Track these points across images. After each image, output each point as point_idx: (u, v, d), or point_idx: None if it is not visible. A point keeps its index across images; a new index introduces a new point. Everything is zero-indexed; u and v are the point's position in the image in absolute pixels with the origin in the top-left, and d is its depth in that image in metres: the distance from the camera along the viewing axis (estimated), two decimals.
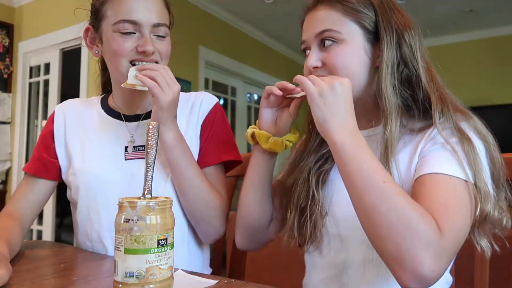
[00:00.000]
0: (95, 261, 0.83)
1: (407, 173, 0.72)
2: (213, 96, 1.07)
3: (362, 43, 0.77)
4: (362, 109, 0.80)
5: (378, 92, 0.76)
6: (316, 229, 0.81)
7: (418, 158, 0.71)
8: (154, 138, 0.65)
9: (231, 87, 4.52)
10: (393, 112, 0.73)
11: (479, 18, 4.32)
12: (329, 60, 0.78)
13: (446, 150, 0.67)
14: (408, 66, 0.76)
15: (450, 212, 0.61)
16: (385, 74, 0.74)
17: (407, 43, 0.76)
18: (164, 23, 0.93)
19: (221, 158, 0.98)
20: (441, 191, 0.64)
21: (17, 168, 3.55)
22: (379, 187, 0.61)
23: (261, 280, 0.74)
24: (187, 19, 3.68)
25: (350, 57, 0.77)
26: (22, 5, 3.67)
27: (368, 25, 0.78)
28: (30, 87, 3.64)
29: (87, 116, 1.03)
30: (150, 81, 0.84)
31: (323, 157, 0.85)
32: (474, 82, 4.50)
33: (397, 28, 0.77)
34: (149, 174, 0.62)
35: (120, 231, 0.56)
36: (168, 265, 0.57)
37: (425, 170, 0.67)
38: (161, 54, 0.93)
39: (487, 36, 4.65)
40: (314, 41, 0.80)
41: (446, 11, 4.13)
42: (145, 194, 0.61)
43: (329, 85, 0.68)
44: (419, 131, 0.75)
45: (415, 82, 0.76)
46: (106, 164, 0.95)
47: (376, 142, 0.76)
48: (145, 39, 0.90)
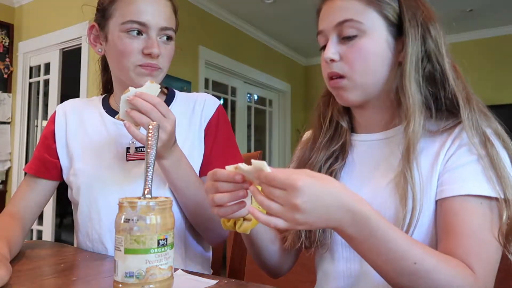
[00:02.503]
0: (95, 261, 0.83)
1: (428, 178, 0.68)
2: (215, 99, 1.06)
3: (385, 36, 0.73)
4: (379, 107, 0.77)
5: (400, 89, 0.72)
6: (325, 232, 0.76)
7: (442, 167, 0.68)
8: (154, 138, 0.65)
9: (231, 87, 4.52)
10: (416, 110, 0.69)
11: (479, 18, 4.32)
12: (349, 54, 0.72)
13: (477, 164, 0.65)
14: (432, 62, 0.72)
15: (483, 250, 0.61)
16: (409, 70, 0.70)
17: (433, 37, 0.72)
18: (171, 27, 0.94)
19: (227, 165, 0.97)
20: (473, 223, 0.62)
21: (17, 168, 3.55)
22: (411, 271, 0.57)
23: (261, 280, 0.74)
24: (187, 19, 3.68)
25: (372, 51, 0.72)
26: (22, 5, 3.67)
27: (392, 17, 0.73)
28: (30, 87, 3.63)
29: (89, 116, 1.03)
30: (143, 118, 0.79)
31: (333, 155, 0.81)
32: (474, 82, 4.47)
33: (422, 20, 0.72)
34: (149, 174, 0.62)
35: (120, 231, 0.56)
36: (168, 265, 0.57)
37: (455, 190, 0.65)
38: (165, 57, 0.93)
39: (487, 36, 4.65)
40: (332, 31, 0.74)
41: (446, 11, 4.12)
42: (145, 194, 0.61)
43: (293, 211, 0.52)
44: (437, 132, 0.71)
45: (440, 79, 0.72)
46: (108, 165, 0.95)
47: (397, 144, 0.73)
48: (152, 41, 0.90)
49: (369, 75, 0.72)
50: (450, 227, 0.64)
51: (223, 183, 0.60)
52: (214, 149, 0.99)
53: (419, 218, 0.65)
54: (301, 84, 5.66)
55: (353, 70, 0.72)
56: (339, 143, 0.82)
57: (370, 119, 0.80)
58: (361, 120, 0.82)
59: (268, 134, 5.27)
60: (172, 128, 0.81)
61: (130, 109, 0.81)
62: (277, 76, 5.09)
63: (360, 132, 0.83)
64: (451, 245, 0.63)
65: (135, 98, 0.80)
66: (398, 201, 0.68)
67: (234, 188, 0.60)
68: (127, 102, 0.81)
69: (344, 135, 0.82)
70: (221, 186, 0.60)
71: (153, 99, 0.80)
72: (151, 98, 0.80)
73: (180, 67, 3.46)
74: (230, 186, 0.60)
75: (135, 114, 0.79)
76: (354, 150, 0.82)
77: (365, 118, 0.81)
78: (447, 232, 0.64)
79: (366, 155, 0.80)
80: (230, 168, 0.60)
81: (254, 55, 4.69)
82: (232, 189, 0.60)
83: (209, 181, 0.62)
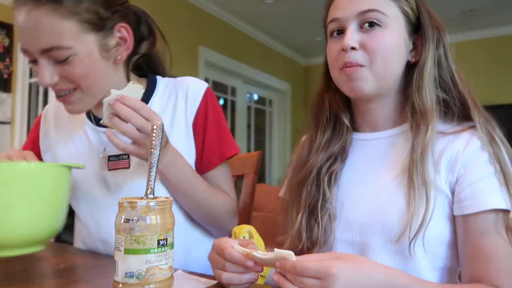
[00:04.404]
0: (95, 261, 0.82)
1: (433, 177, 0.68)
2: (200, 83, 0.96)
3: (403, 32, 0.73)
4: (387, 104, 0.77)
5: (416, 89, 0.72)
6: (326, 232, 0.76)
7: (453, 175, 0.68)
8: (158, 138, 0.65)
9: (231, 87, 4.52)
10: (433, 110, 0.70)
11: (479, 18, 4.32)
12: (370, 43, 0.70)
13: (494, 177, 0.65)
14: (441, 66, 0.74)
15: (507, 267, 0.63)
16: (428, 70, 0.71)
17: (445, 42, 0.74)
18: (54, 46, 0.76)
19: (224, 157, 0.93)
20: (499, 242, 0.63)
21: None
22: None
23: None
24: (187, 19, 3.68)
25: (394, 43, 0.71)
26: None
27: (410, 15, 0.73)
28: (30, 87, 3.64)
29: (72, 122, 0.98)
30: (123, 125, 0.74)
31: (333, 156, 0.80)
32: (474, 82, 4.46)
33: (438, 24, 0.74)
34: (152, 174, 0.62)
35: (120, 231, 0.56)
36: (168, 265, 0.57)
37: (478, 206, 0.65)
38: (73, 78, 0.79)
39: (487, 36, 4.66)
40: (353, 20, 0.72)
41: (446, 11, 4.12)
42: (147, 194, 0.60)
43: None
44: (446, 134, 0.71)
45: (448, 83, 0.73)
46: (90, 176, 0.92)
47: (401, 143, 0.74)
48: (38, 70, 0.78)
49: (388, 66, 0.72)
50: (478, 248, 0.64)
51: (231, 265, 0.59)
52: (208, 142, 0.92)
53: (432, 216, 0.66)
54: (301, 84, 5.67)
55: (374, 60, 0.71)
56: (338, 144, 0.81)
57: (375, 117, 0.79)
58: (365, 118, 0.81)
59: (268, 134, 5.27)
60: None
61: (112, 115, 0.75)
62: (277, 76, 5.09)
63: (362, 131, 0.82)
64: (480, 267, 0.64)
65: (116, 103, 0.74)
66: (405, 200, 0.68)
67: (243, 271, 0.59)
68: (110, 105, 0.75)
69: (344, 134, 0.81)
70: (230, 268, 0.59)
71: (135, 103, 0.74)
72: (133, 102, 0.74)
73: (180, 67, 3.46)
74: (240, 269, 0.59)
75: (115, 121, 0.75)
76: (355, 149, 0.82)
77: (369, 115, 0.80)
78: (474, 252, 0.65)
79: (369, 154, 0.79)
80: (238, 248, 0.59)
81: (254, 55, 4.69)
82: (241, 271, 0.59)
83: (215, 254, 0.62)
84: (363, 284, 0.52)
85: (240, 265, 0.58)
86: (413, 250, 0.66)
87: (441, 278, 0.70)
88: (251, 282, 0.60)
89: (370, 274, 0.54)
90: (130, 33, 0.86)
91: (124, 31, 0.85)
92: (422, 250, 0.66)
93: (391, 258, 0.69)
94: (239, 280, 0.59)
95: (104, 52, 0.82)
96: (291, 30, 4.56)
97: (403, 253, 0.68)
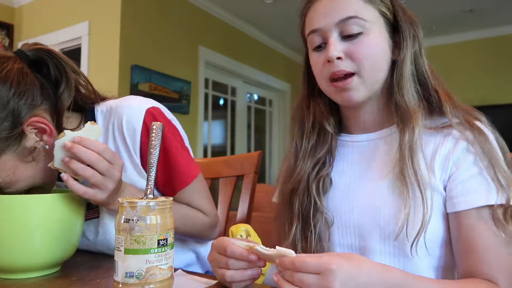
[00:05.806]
0: (95, 261, 0.82)
1: (426, 175, 0.68)
2: (137, 109, 0.84)
3: (384, 34, 0.73)
4: (376, 107, 0.77)
5: (398, 88, 0.72)
6: (322, 241, 0.76)
7: (445, 172, 0.68)
8: (158, 138, 0.65)
9: (231, 87, 4.52)
10: (416, 108, 0.71)
11: (479, 18, 4.32)
12: (355, 51, 0.70)
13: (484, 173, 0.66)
14: (417, 61, 0.74)
15: (504, 261, 0.63)
16: (406, 67, 0.72)
17: (419, 38, 0.74)
18: None
19: (186, 182, 0.87)
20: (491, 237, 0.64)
21: None
22: None
23: None
24: (187, 19, 3.68)
25: (378, 47, 0.72)
26: (22, 5, 3.67)
27: (388, 15, 0.74)
28: None
29: None
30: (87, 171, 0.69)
31: (320, 161, 0.79)
32: (474, 82, 4.50)
33: (410, 20, 0.74)
34: (151, 174, 0.62)
35: (120, 231, 0.56)
36: (168, 265, 0.57)
37: (469, 203, 0.65)
38: None
39: (487, 36, 4.65)
40: (334, 29, 0.71)
41: (446, 11, 4.13)
42: (147, 194, 0.61)
43: None
44: (434, 129, 0.71)
45: (423, 78, 0.74)
46: None
47: (392, 143, 0.74)
48: None
49: (378, 71, 0.72)
50: (471, 244, 0.65)
51: (234, 261, 0.59)
52: (163, 175, 0.85)
53: (431, 215, 0.66)
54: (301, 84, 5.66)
55: (362, 67, 0.70)
56: (324, 150, 0.80)
57: (365, 120, 0.79)
58: (354, 121, 0.81)
59: (268, 134, 5.27)
60: (120, 175, 0.73)
61: (68, 158, 0.68)
62: (277, 76, 5.09)
63: (352, 133, 0.82)
64: (474, 262, 0.65)
65: (76, 146, 0.68)
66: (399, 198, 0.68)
67: (246, 267, 0.59)
68: (64, 149, 0.69)
69: (329, 140, 0.80)
70: (233, 264, 0.59)
71: (98, 146, 0.69)
72: (95, 146, 0.69)
73: (180, 67, 3.46)
74: (243, 265, 0.59)
75: (77, 166, 0.68)
76: (346, 151, 0.81)
77: (359, 119, 0.80)
78: (468, 248, 0.66)
79: (361, 156, 0.79)
80: (241, 243, 0.59)
81: (254, 55, 4.69)
82: (244, 267, 0.59)
83: (216, 253, 0.62)
84: (362, 281, 0.52)
85: (244, 259, 0.58)
86: (415, 250, 0.66)
87: (441, 277, 0.71)
88: (254, 277, 0.60)
89: (369, 271, 0.54)
90: (43, 120, 0.75)
91: (36, 123, 0.74)
92: (423, 250, 0.67)
93: (391, 259, 0.69)
94: (242, 276, 0.59)
95: (25, 156, 0.74)
96: (291, 30, 4.54)
97: (403, 253, 0.68)
